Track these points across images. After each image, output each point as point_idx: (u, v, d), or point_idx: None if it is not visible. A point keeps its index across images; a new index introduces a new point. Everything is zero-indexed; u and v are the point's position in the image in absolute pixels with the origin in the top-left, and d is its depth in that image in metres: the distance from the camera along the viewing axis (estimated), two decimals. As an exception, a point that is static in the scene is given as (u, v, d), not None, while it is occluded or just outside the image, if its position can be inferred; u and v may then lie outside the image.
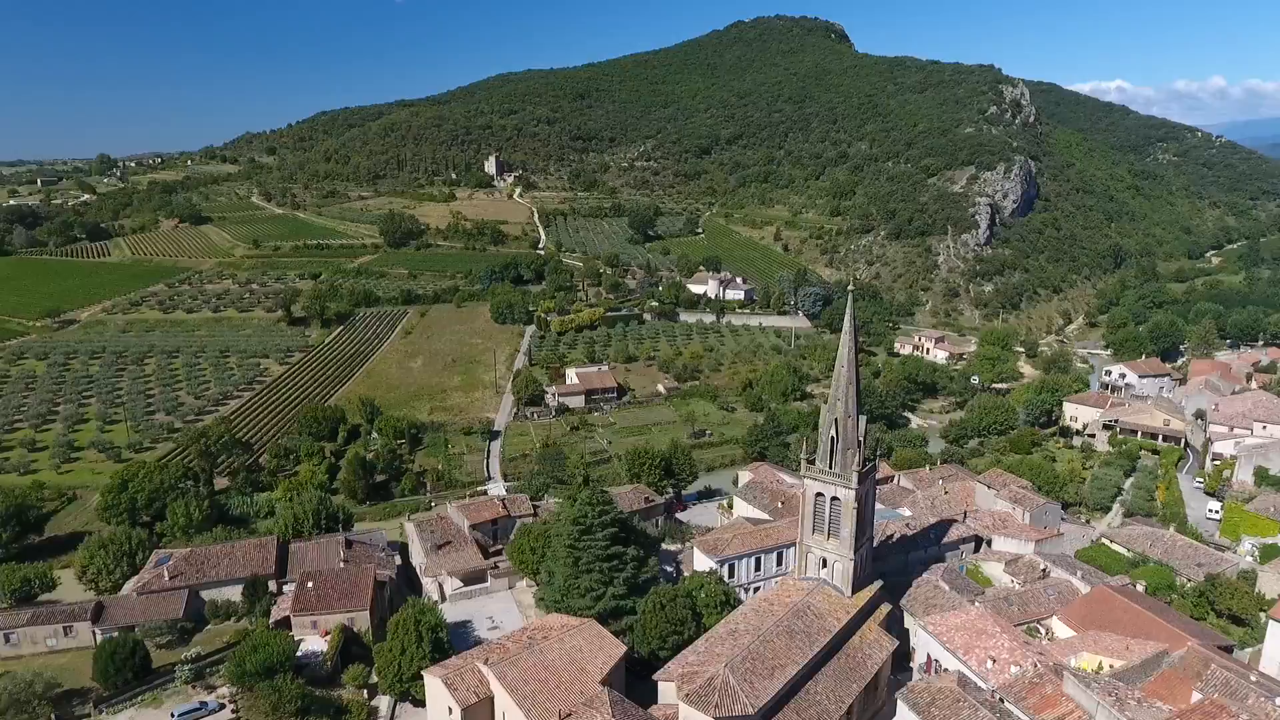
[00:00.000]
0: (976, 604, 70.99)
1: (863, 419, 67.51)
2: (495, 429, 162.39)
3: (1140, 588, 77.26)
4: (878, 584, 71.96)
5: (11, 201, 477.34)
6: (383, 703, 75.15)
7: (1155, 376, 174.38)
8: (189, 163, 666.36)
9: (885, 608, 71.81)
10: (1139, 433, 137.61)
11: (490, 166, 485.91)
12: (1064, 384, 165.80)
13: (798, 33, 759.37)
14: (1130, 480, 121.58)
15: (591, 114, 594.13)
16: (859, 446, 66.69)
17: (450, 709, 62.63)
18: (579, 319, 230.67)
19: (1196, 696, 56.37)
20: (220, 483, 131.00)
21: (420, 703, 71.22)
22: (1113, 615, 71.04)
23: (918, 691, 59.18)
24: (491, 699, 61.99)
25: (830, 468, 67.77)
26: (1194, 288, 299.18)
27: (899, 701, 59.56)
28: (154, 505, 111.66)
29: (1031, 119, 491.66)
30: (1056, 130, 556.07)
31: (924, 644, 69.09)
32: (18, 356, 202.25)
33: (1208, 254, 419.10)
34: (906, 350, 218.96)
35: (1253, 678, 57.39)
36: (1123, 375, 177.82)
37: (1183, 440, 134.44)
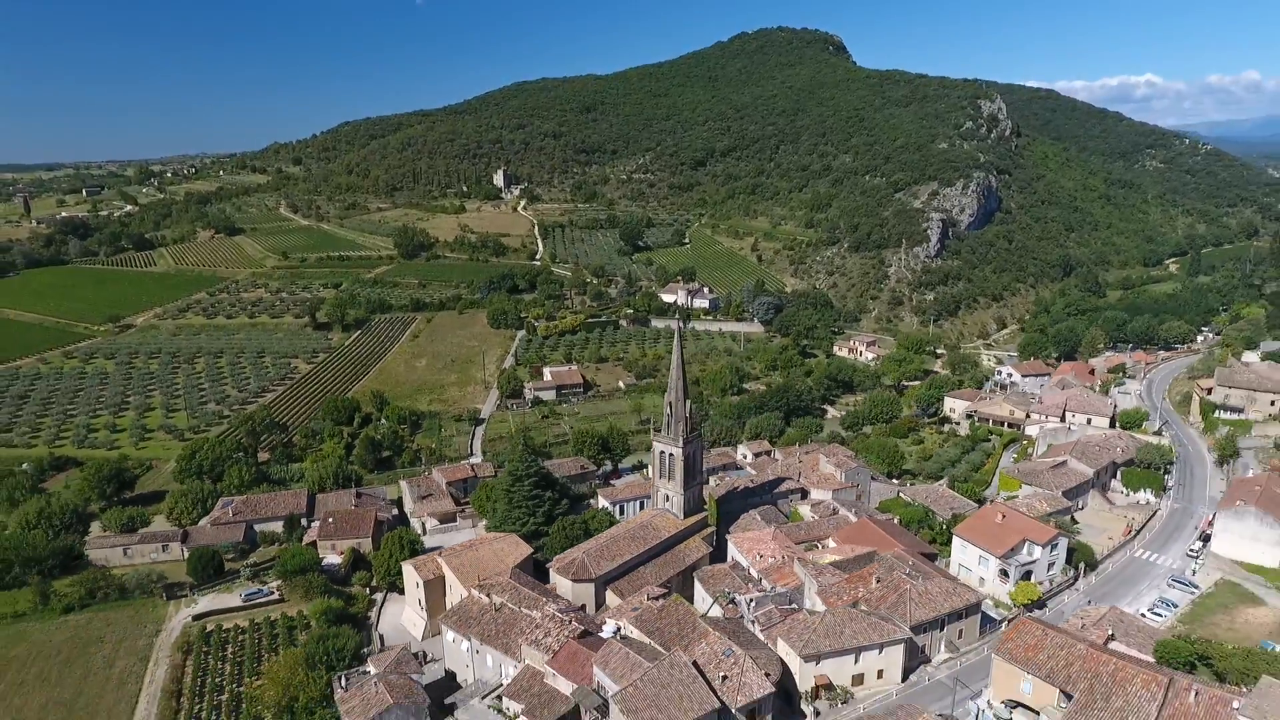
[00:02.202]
0: (770, 528, 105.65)
1: (689, 402, 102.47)
2: (481, 417, 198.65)
3: (896, 520, 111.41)
4: (704, 513, 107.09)
5: (63, 213, 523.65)
6: (378, 597, 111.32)
7: (1036, 376, 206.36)
8: (221, 173, 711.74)
9: (710, 529, 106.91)
10: (991, 420, 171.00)
11: (499, 179, 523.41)
12: (950, 381, 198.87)
13: (797, 45, 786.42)
14: (969, 456, 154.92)
15: (596, 127, 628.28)
16: (685, 420, 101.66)
17: (417, 584, 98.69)
18: (562, 324, 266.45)
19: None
20: (262, 455, 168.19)
21: (402, 592, 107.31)
22: (865, 535, 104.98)
23: (704, 571, 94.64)
24: (443, 577, 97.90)
25: (668, 434, 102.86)
26: (1126, 296, 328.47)
27: (695, 579, 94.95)
28: (215, 469, 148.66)
29: (1008, 132, 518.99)
30: (1036, 141, 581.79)
31: (731, 552, 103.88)
32: (89, 356, 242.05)
33: (1166, 261, 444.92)
34: (843, 353, 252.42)
35: (910, 562, 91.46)
36: (1010, 375, 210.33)
37: (1021, 426, 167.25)
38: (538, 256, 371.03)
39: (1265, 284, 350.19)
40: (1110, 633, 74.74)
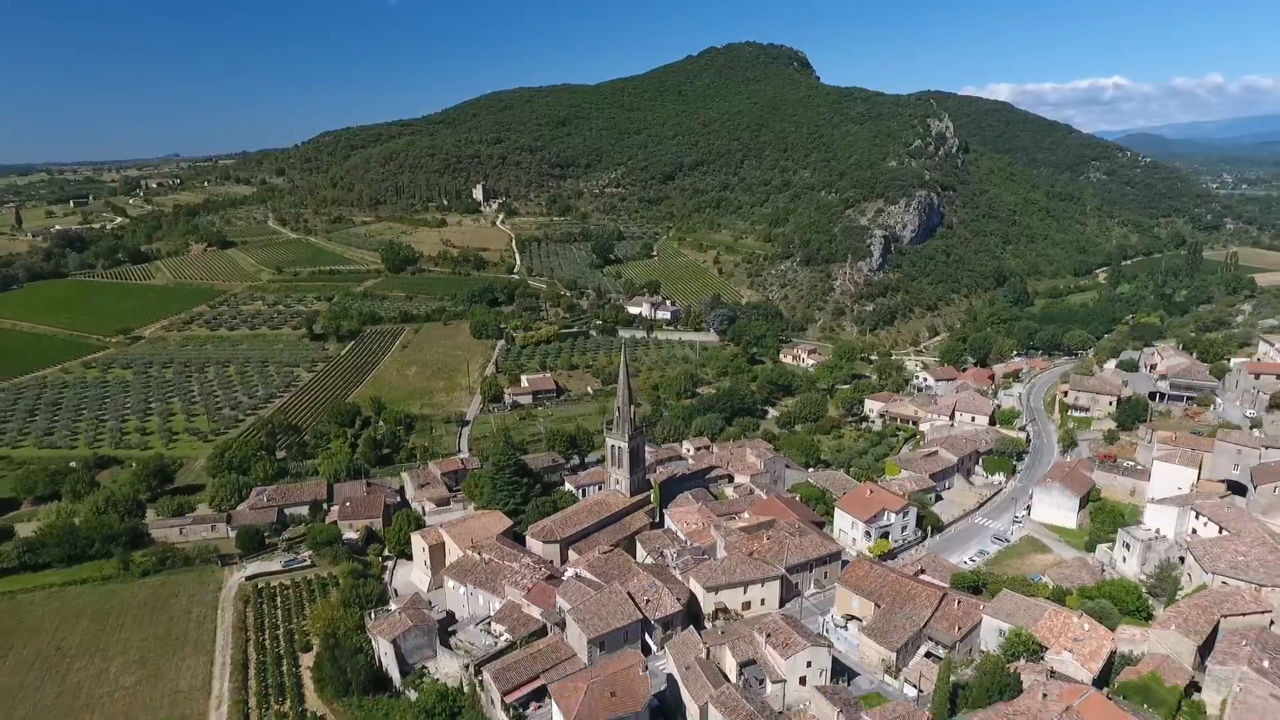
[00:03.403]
0: (698, 504, 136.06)
1: (633, 406, 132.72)
2: (466, 419, 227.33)
3: (798, 498, 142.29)
4: (648, 493, 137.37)
5: (56, 226, 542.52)
6: (389, 563, 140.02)
7: (948, 380, 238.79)
8: (206, 183, 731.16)
9: (652, 505, 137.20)
10: (899, 419, 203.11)
11: (478, 193, 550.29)
12: (873, 385, 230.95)
13: (763, 60, 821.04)
14: (875, 448, 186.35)
15: (570, 141, 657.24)
16: (630, 420, 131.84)
17: (423, 549, 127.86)
18: (538, 335, 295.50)
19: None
20: (279, 454, 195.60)
21: (410, 559, 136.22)
22: (771, 509, 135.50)
23: (645, 536, 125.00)
24: (443, 543, 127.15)
25: (617, 431, 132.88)
26: (1049, 306, 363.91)
27: (637, 541, 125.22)
28: (242, 465, 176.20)
29: (955, 149, 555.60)
30: (984, 156, 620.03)
31: (667, 522, 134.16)
32: (108, 366, 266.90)
33: (1097, 271, 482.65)
34: (788, 360, 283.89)
35: (796, 525, 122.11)
36: (926, 379, 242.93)
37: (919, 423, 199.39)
38: (515, 270, 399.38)
39: (1176, 293, 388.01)
40: (921, 569, 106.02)
